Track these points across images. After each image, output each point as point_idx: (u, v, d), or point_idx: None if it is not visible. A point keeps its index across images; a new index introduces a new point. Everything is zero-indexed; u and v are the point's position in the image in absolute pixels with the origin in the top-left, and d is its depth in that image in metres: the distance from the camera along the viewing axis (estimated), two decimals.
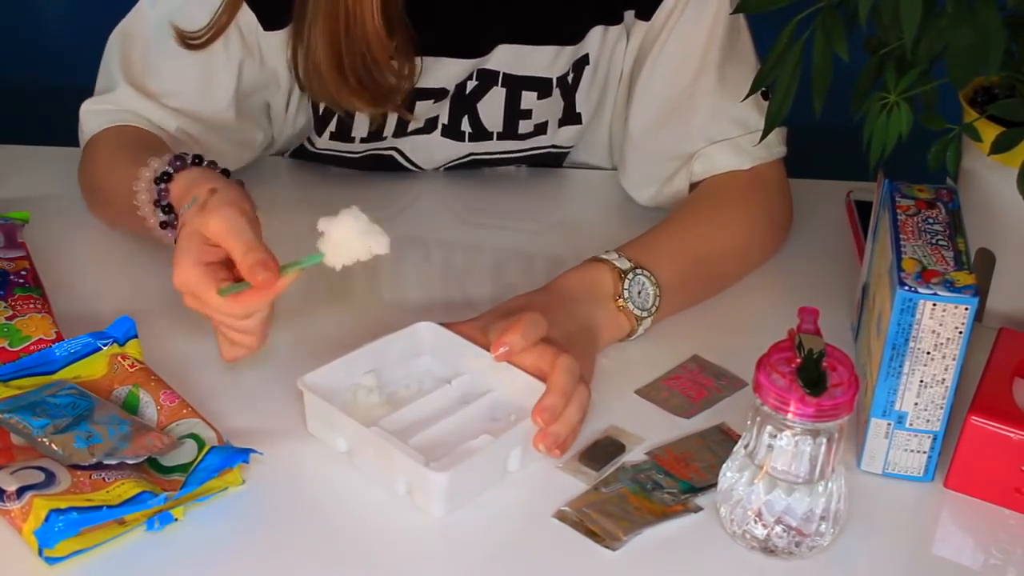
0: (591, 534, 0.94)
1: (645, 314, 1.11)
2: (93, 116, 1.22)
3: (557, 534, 0.95)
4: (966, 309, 0.93)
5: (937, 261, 0.96)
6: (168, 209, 1.04)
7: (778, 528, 0.92)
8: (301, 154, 1.36)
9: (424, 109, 1.27)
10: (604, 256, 1.11)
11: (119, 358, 1.03)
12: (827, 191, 1.36)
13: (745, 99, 1.15)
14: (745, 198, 1.23)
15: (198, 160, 1.05)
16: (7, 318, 1.07)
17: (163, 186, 1.04)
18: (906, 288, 0.93)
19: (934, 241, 0.99)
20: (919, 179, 1.08)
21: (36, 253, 1.16)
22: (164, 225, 1.05)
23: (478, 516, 0.97)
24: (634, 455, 1.01)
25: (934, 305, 0.93)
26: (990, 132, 1.06)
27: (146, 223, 1.06)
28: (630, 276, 1.10)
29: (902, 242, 0.98)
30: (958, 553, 0.97)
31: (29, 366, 1.03)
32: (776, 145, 1.25)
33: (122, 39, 1.22)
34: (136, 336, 1.05)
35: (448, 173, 1.37)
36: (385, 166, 1.34)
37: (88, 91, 1.26)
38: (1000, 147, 1.04)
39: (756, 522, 0.93)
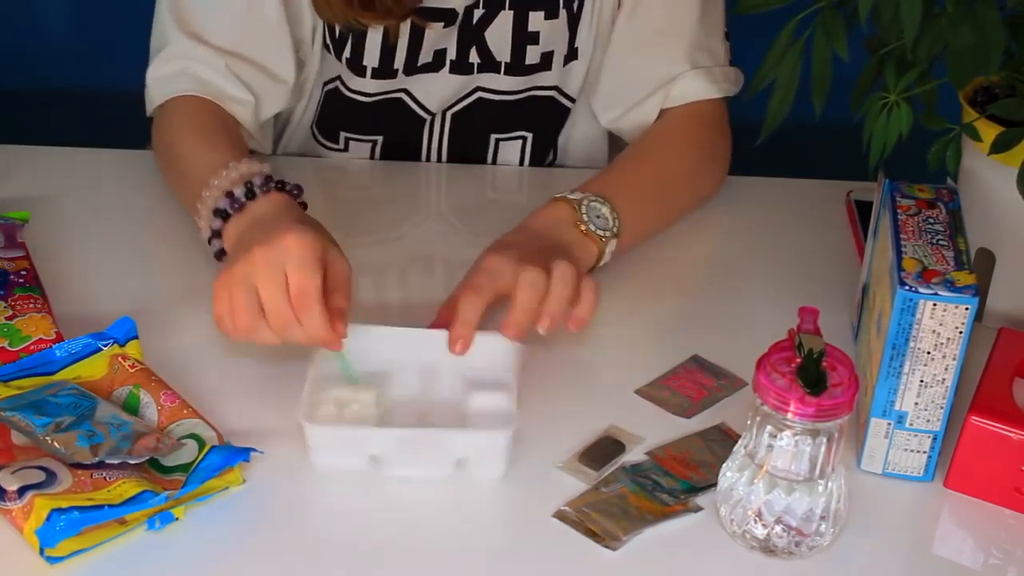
0: (591, 534, 0.94)
1: (608, 234, 1.16)
2: (158, 85, 1.25)
3: (557, 534, 0.95)
4: (966, 309, 0.93)
5: (937, 261, 0.96)
6: (226, 216, 1.08)
7: (778, 528, 0.92)
8: (318, 129, 1.37)
9: (432, 33, 1.28)
10: (559, 195, 1.17)
11: (119, 359, 1.03)
12: (827, 191, 1.36)
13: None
14: (691, 132, 1.31)
15: (282, 185, 1.09)
16: (7, 318, 1.07)
17: (241, 202, 1.07)
18: (907, 288, 0.94)
19: (935, 241, 0.99)
20: (919, 179, 1.08)
21: (36, 253, 1.16)
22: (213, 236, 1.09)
23: (478, 516, 0.97)
24: (634, 455, 1.01)
25: (934, 305, 0.93)
26: (990, 132, 1.06)
27: (198, 221, 1.11)
28: (585, 204, 1.16)
29: (903, 242, 0.98)
30: (958, 553, 0.98)
31: (29, 366, 1.03)
32: (735, 82, 1.32)
33: None
34: (136, 337, 1.05)
35: (450, 173, 1.37)
36: (396, 112, 1.34)
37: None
38: (1000, 147, 1.04)
39: (756, 522, 0.93)
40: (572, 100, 1.38)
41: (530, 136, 1.39)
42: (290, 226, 0.99)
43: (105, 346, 1.04)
